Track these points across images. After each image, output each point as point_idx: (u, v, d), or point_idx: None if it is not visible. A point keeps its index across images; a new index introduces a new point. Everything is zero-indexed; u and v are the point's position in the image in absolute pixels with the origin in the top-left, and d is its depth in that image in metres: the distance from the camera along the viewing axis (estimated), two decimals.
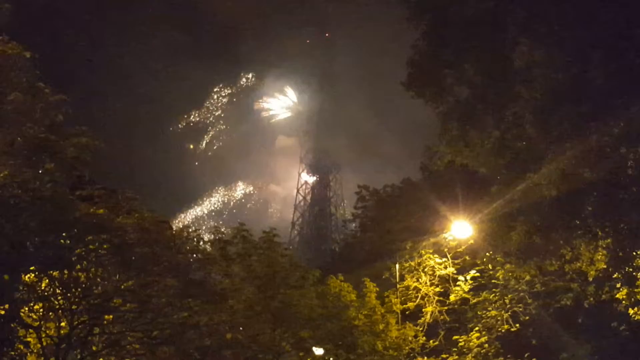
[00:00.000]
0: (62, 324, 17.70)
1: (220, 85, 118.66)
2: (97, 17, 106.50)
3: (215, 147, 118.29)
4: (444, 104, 21.94)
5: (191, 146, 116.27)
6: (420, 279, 29.39)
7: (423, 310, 29.22)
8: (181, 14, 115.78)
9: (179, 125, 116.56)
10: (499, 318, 28.39)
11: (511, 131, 20.94)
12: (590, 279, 23.46)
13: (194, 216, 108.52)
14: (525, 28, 19.59)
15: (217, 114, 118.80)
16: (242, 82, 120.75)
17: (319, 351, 25.46)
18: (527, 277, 26.39)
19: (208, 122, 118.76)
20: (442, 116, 22.07)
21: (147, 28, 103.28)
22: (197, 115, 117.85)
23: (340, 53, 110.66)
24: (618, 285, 23.32)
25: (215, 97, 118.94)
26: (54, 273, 17.45)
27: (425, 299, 29.31)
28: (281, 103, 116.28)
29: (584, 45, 18.59)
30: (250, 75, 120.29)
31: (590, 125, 18.94)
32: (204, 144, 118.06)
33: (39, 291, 17.47)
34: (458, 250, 28.88)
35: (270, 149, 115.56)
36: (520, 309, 28.21)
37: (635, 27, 18.86)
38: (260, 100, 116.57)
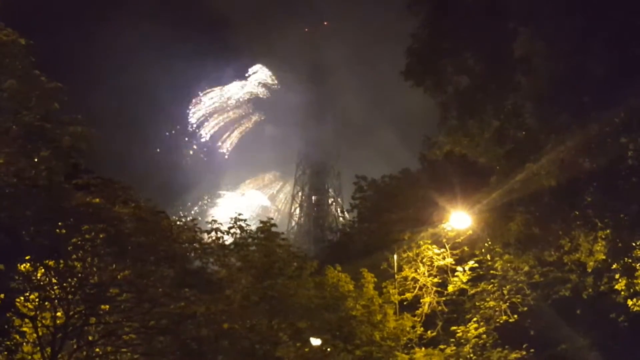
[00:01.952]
0: (58, 313, 17.61)
1: (213, 85, 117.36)
2: (90, 8, 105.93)
3: (207, 144, 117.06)
4: (443, 94, 21.77)
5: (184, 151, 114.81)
6: (418, 270, 29.31)
7: (421, 300, 29.15)
8: (174, 4, 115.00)
9: (172, 127, 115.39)
10: (497, 309, 28.35)
11: (511, 121, 20.82)
12: (589, 270, 23.40)
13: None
14: (526, 17, 19.42)
15: (206, 110, 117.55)
16: (233, 76, 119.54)
17: (316, 341, 25.39)
18: (526, 268, 26.34)
19: (199, 117, 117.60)
20: (442, 106, 21.90)
21: (138, 19, 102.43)
22: (188, 111, 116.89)
23: (337, 42, 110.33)
24: (617, 276, 23.28)
25: (206, 92, 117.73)
26: (50, 262, 17.35)
27: (424, 289, 29.25)
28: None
29: (584, 35, 18.43)
30: (249, 69, 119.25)
31: (591, 115, 18.80)
32: (197, 140, 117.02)
33: (35, 281, 17.38)
34: (456, 240, 28.79)
35: (261, 141, 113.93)
36: (519, 300, 28.17)
37: (636, 16, 18.70)
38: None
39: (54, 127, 17.45)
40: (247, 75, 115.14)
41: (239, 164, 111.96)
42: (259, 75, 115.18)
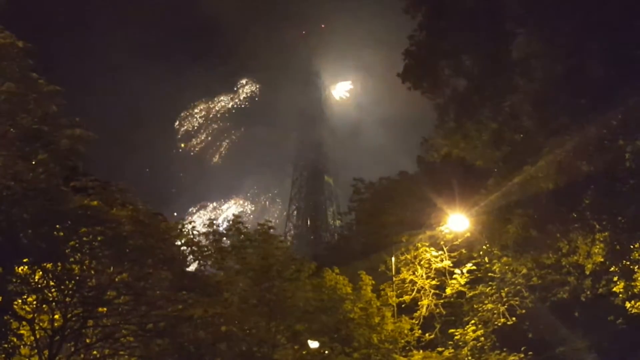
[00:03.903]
0: (56, 316, 17.52)
1: (206, 91, 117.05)
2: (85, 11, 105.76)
3: (196, 155, 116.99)
4: (440, 96, 21.82)
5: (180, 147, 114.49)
6: (416, 272, 29.30)
7: (419, 303, 29.14)
8: (166, 9, 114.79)
9: (162, 138, 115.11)
10: (495, 311, 28.33)
11: (508, 123, 20.89)
12: (587, 273, 23.42)
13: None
14: (524, 19, 19.47)
15: (197, 121, 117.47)
16: (235, 89, 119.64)
17: (314, 344, 25.34)
18: (524, 271, 26.34)
19: (189, 129, 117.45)
20: (439, 108, 21.95)
21: (129, 25, 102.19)
22: (179, 123, 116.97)
23: (334, 44, 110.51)
24: (615, 279, 23.30)
25: (196, 103, 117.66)
26: (48, 265, 17.25)
27: (421, 292, 29.23)
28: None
29: (582, 37, 18.47)
30: (244, 81, 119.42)
31: (588, 117, 18.85)
32: (187, 151, 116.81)
33: (33, 283, 17.27)
34: (454, 243, 28.78)
35: (254, 148, 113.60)
36: (517, 303, 28.15)
37: (634, 18, 18.73)
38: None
39: (51, 130, 17.37)
40: (235, 88, 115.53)
41: (231, 172, 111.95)
42: (249, 88, 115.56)
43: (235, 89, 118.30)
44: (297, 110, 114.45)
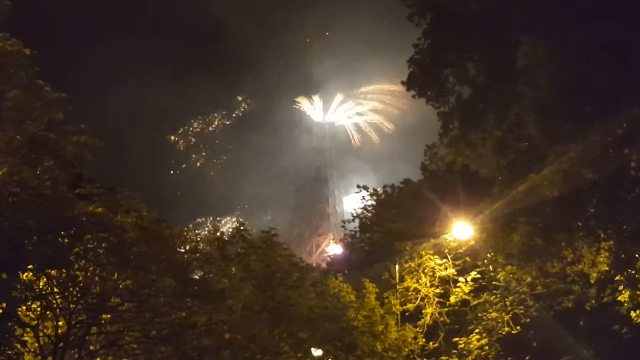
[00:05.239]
0: (60, 323, 17.56)
1: (206, 102, 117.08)
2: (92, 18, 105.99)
3: (196, 170, 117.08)
4: (445, 104, 21.79)
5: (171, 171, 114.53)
6: (420, 280, 29.23)
7: (423, 311, 29.07)
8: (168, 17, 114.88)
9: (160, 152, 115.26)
10: (499, 320, 28.25)
11: (513, 131, 20.82)
12: (592, 281, 23.39)
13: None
14: (528, 27, 19.43)
15: (194, 136, 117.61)
16: (235, 107, 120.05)
17: (317, 352, 25.28)
18: (528, 279, 26.27)
19: (188, 144, 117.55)
20: (443, 116, 21.90)
21: (145, 32, 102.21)
22: (177, 136, 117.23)
23: (338, 51, 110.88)
24: (620, 288, 23.26)
25: (196, 118, 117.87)
26: (52, 272, 17.31)
27: (425, 300, 29.16)
28: None
29: (588, 46, 18.43)
30: (243, 97, 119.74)
31: (594, 125, 18.80)
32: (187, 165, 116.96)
33: (37, 290, 17.32)
34: (459, 251, 28.74)
35: (255, 160, 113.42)
36: (521, 311, 28.08)
37: None
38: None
39: (57, 137, 17.47)
40: (236, 100, 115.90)
41: (232, 184, 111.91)
42: (249, 99, 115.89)
43: (236, 100, 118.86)
44: (299, 119, 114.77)
